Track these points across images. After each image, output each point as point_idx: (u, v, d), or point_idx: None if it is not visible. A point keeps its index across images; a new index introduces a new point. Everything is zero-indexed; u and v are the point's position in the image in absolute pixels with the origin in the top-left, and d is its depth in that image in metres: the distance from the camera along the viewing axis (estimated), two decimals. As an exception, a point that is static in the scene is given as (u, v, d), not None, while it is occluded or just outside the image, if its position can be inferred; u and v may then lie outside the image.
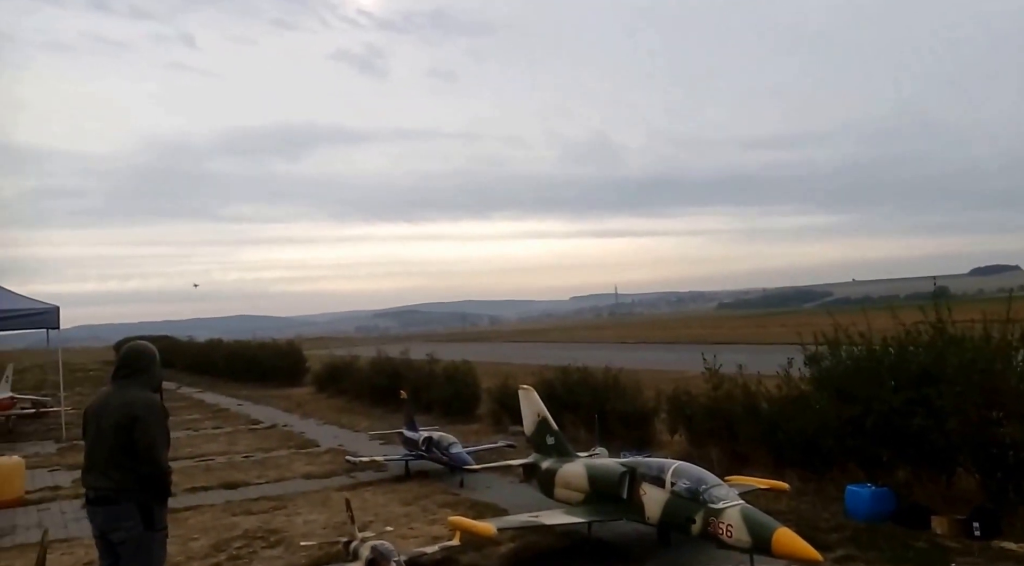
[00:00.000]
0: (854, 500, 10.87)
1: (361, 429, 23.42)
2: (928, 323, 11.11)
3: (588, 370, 19.12)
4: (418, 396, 23.25)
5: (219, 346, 60.01)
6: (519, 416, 13.66)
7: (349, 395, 31.58)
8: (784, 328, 59.65)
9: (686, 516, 9.00)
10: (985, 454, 10.10)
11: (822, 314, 14.42)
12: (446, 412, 24.00)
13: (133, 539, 6.53)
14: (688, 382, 16.53)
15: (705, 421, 14.37)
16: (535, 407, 12.77)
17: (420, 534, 11.46)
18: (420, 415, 20.42)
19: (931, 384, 10.35)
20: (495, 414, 22.15)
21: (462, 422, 22.72)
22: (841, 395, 11.49)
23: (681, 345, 54.54)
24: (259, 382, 42.65)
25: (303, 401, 32.82)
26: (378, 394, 28.33)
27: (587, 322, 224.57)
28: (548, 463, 11.98)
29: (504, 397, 21.08)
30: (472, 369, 25.72)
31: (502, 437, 18.84)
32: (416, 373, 26.89)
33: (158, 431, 6.70)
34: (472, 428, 21.79)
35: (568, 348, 52.65)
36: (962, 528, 9.72)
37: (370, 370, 30.86)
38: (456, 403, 24.19)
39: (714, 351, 15.05)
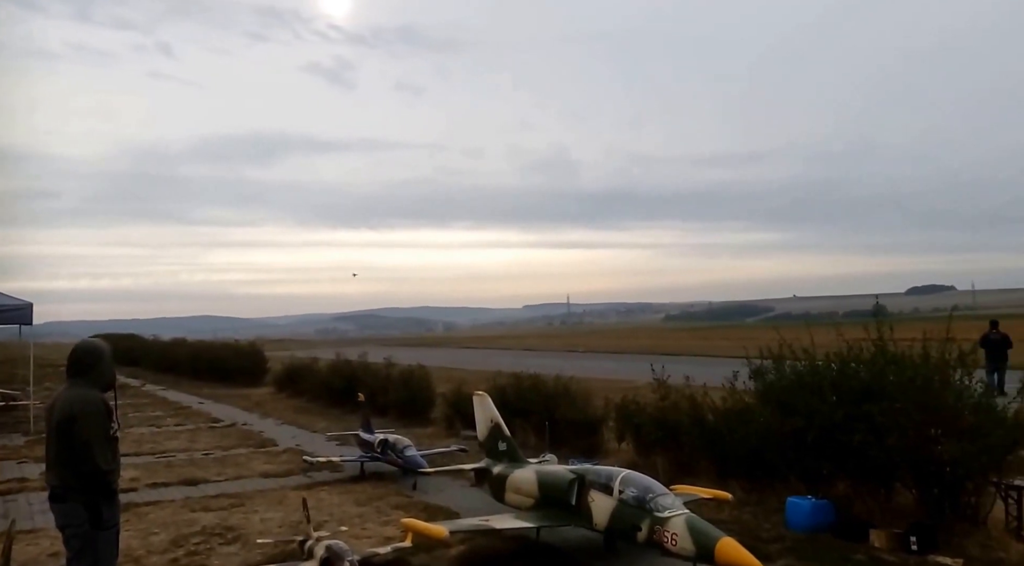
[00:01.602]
0: (795, 512, 10.73)
1: (319, 430, 23.02)
2: (869, 340, 11.09)
3: (540, 377, 18.88)
4: (375, 399, 22.81)
5: (182, 345, 59.08)
6: (472, 421, 13.42)
7: (308, 396, 31.02)
8: (727, 341, 60.39)
9: (632, 524, 8.80)
10: (923, 470, 10.03)
11: (764, 328, 14.43)
12: (402, 415, 23.59)
13: (80, 537, 6.32)
14: (636, 392, 16.42)
15: (652, 430, 14.17)
16: (488, 413, 12.51)
17: (373, 535, 11.22)
18: (376, 417, 20.09)
19: (872, 400, 10.25)
20: (449, 418, 21.83)
21: (417, 425, 22.35)
22: (784, 409, 11.34)
23: (630, 355, 54.78)
24: (221, 381, 41.95)
25: (263, 401, 32.24)
26: (336, 396, 27.83)
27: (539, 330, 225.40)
28: (499, 468, 11.72)
29: (458, 402, 20.80)
30: (427, 374, 25.38)
31: (455, 441, 18.55)
32: (373, 376, 26.43)
33: (95, 430, 6.36)
34: (426, 432, 21.45)
35: (520, 355, 52.54)
36: (899, 542, 9.61)
37: (329, 372, 30.33)
38: (411, 407, 23.79)
39: (662, 362, 14.94)
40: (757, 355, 12.57)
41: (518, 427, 16.06)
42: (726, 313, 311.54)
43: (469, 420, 17.86)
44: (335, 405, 27.47)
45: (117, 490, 6.72)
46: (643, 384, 16.32)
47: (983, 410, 9.81)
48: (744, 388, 12.71)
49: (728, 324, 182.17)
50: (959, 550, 9.36)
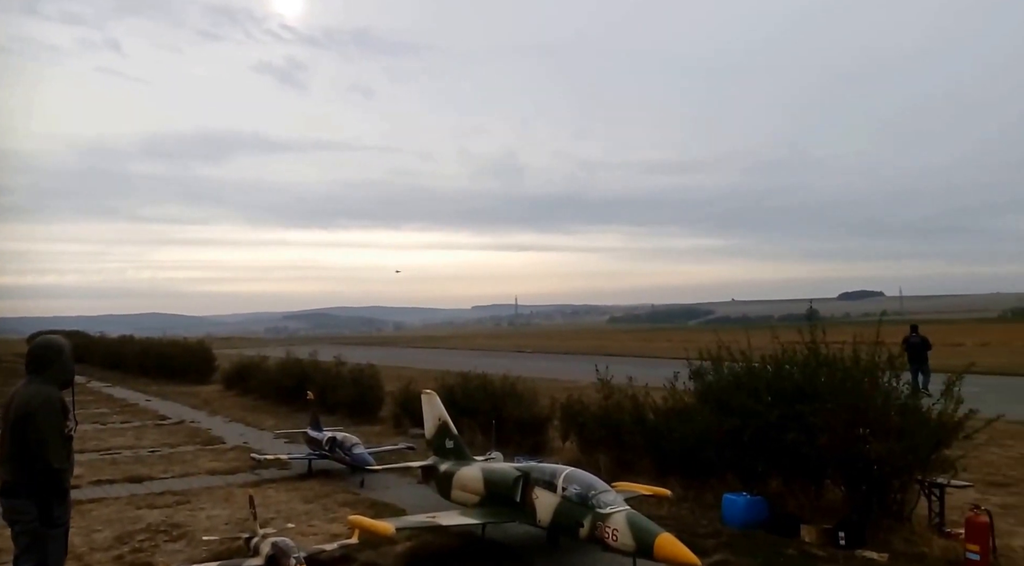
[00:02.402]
0: (730, 508, 10.89)
1: (267, 428, 22.66)
2: (803, 344, 11.34)
3: (487, 377, 18.87)
4: (324, 397, 22.52)
5: (130, 343, 57.99)
6: (420, 419, 13.36)
7: (256, 394, 30.51)
8: (669, 343, 61.41)
9: (575, 520, 8.84)
10: (851, 468, 10.26)
11: (704, 331, 14.70)
12: (350, 413, 23.34)
13: (28, 534, 6.21)
14: (581, 391, 16.55)
15: (596, 429, 14.27)
16: (436, 411, 12.43)
17: (320, 532, 11.08)
18: (325, 416, 19.86)
19: (804, 401, 10.48)
20: (397, 417, 21.69)
21: (365, 423, 22.15)
22: (722, 409, 11.53)
23: (575, 356, 55.21)
24: (168, 379, 41.16)
25: (211, 399, 31.65)
26: (285, 394, 27.41)
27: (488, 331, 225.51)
28: (446, 466, 11.66)
29: (406, 400, 20.71)
30: (377, 373, 25.22)
31: (403, 439, 18.44)
32: (323, 375, 26.09)
33: (49, 429, 6.19)
34: (375, 430, 21.27)
35: (469, 355, 52.57)
36: (829, 537, 9.83)
37: (278, 371, 29.86)
38: (361, 405, 23.56)
39: (606, 363, 15.07)
40: (697, 357, 12.77)
41: (465, 426, 16.01)
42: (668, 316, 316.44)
43: (417, 418, 17.73)
44: (284, 403, 27.09)
45: (69, 489, 6.57)
46: (588, 384, 16.46)
47: (909, 411, 10.09)
48: (684, 388, 12.88)
49: (670, 326, 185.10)
50: (885, 545, 9.61)
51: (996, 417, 10.20)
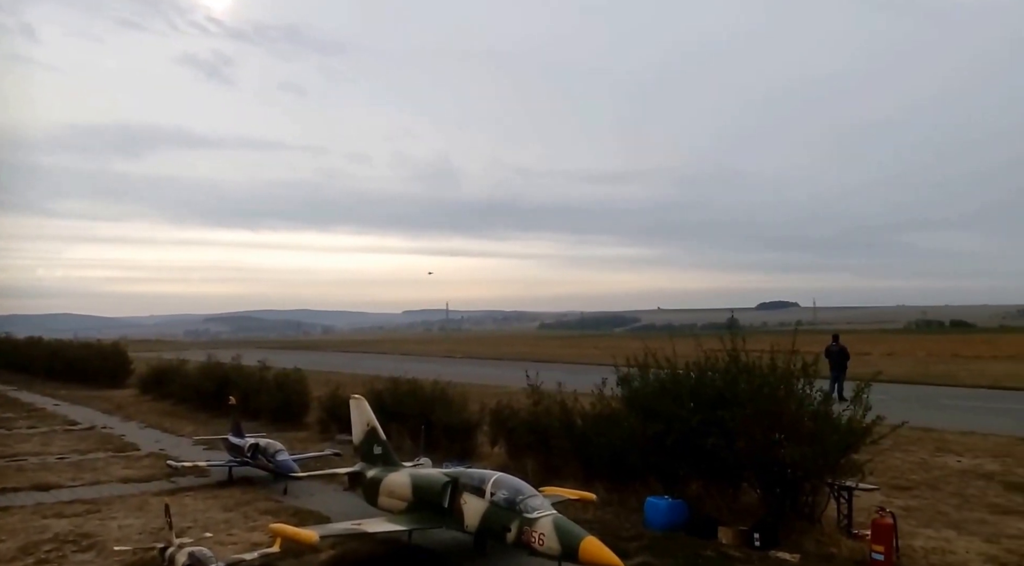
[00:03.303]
0: (652, 511, 11.17)
1: (185, 434, 21.98)
2: (724, 351, 11.73)
3: (417, 382, 18.78)
4: (247, 402, 21.95)
5: (38, 344, 55.05)
6: (347, 425, 13.21)
7: (174, 399, 29.45)
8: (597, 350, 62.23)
9: (502, 525, 8.94)
10: (767, 472, 10.69)
11: (631, 338, 15.00)
12: (275, 419, 22.76)
13: None
14: (511, 397, 16.65)
15: (525, 434, 14.40)
16: (365, 417, 12.32)
17: (240, 541, 10.83)
18: (248, 421, 19.35)
19: (725, 407, 10.86)
20: (323, 422, 21.29)
21: (290, 429, 21.67)
22: (647, 414, 11.82)
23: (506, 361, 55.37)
24: (80, 382, 39.28)
25: (125, 403, 30.48)
26: (205, 399, 26.54)
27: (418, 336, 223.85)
28: (374, 472, 11.56)
29: (333, 406, 20.38)
30: (303, 377, 24.73)
31: (329, 445, 18.15)
32: (247, 379, 25.40)
33: None
34: (300, 436, 20.85)
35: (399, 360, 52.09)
36: (744, 539, 10.20)
37: (199, 375, 28.92)
38: (286, 410, 23.03)
39: (536, 369, 15.21)
40: (625, 363, 13.03)
41: (394, 431, 15.89)
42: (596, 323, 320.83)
43: (345, 424, 17.44)
44: (204, 408, 26.26)
45: None
46: (517, 390, 16.58)
47: (821, 417, 10.57)
48: (612, 394, 13.10)
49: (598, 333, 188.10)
50: (797, 546, 10.03)
51: (901, 424, 10.78)
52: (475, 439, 16.79)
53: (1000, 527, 10.95)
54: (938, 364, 45.94)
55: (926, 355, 54.70)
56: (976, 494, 13.07)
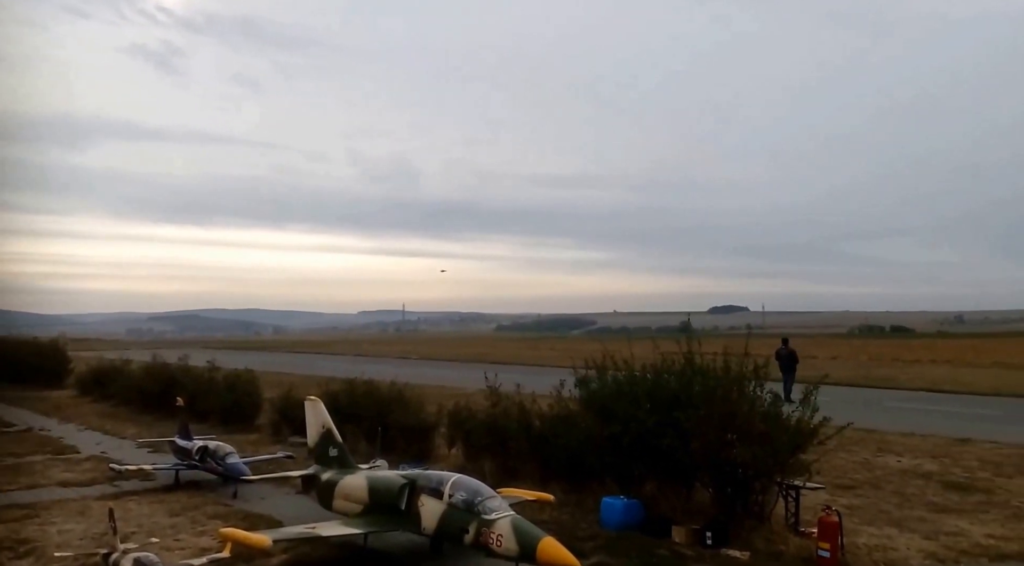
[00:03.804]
0: (608, 511, 11.33)
1: (128, 436, 21.40)
2: (680, 354, 11.97)
3: (374, 384, 18.64)
4: (195, 404, 21.47)
5: (-33, 342, 52.71)
6: (300, 427, 13.04)
7: (116, 400, 28.68)
8: (554, 351, 62.65)
9: (460, 526, 8.96)
10: (719, 472, 10.95)
11: (588, 340, 15.15)
12: (224, 421, 22.32)
13: None
14: (468, 399, 16.65)
15: (482, 436, 14.43)
16: (321, 418, 12.18)
17: (188, 546, 10.60)
18: (196, 424, 18.91)
19: (680, 408, 11.09)
20: (276, 425, 20.95)
21: (240, 432, 21.24)
22: (604, 415, 11.98)
23: (463, 363, 55.28)
24: (14, 383, 37.67)
25: (63, 404, 29.55)
26: (150, 400, 25.88)
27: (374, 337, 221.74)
28: (329, 475, 11.44)
29: (286, 408, 20.08)
30: (254, 378, 24.33)
31: (282, 448, 17.86)
32: (194, 380, 24.84)
33: None
34: (251, 438, 20.46)
35: (354, 361, 51.56)
36: (697, 537, 10.43)
37: (143, 375, 28.17)
38: (236, 412, 22.60)
39: (495, 370, 15.26)
40: (583, 365, 13.16)
41: (349, 433, 15.75)
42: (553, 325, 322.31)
43: (298, 427, 17.20)
44: (148, 410, 25.61)
45: None
46: (474, 391, 16.59)
47: (771, 418, 10.87)
48: (570, 396, 13.22)
49: (555, 335, 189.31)
50: (747, 544, 10.30)
51: (847, 425, 11.16)
52: (432, 441, 16.74)
53: (938, 525, 11.42)
54: (880, 368, 47.53)
55: (868, 359, 56.53)
56: (916, 493, 13.60)
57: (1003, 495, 13.28)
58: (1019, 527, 11.17)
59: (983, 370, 45.70)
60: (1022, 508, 12.35)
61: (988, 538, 10.66)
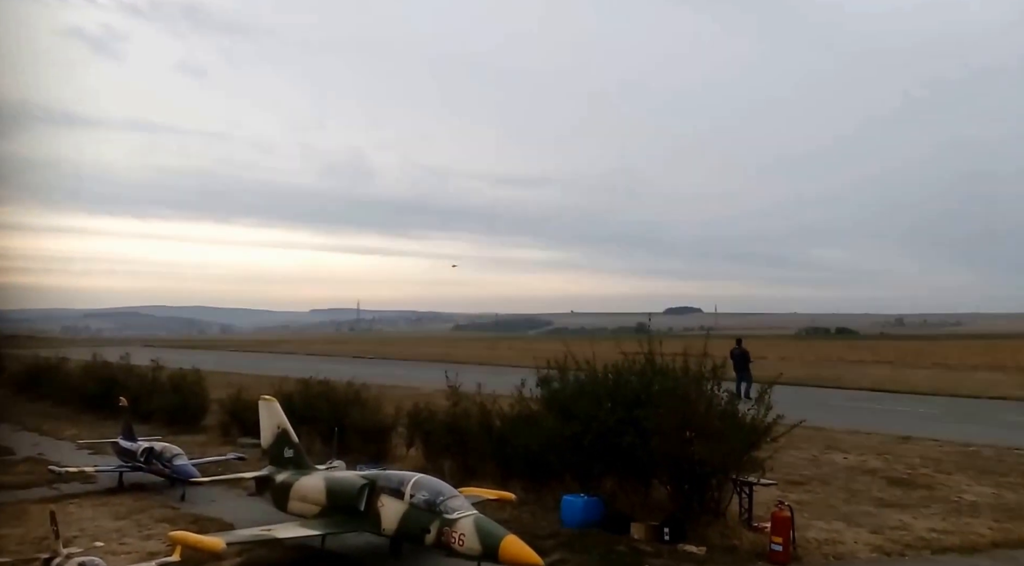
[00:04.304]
0: (569, 509, 11.44)
1: (67, 437, 20.76)
2: (641, 354, 12.14)
3: (330, 384, 18.43)
4: (138, 404, 20.89)
5: None
6: (251, 428, 12.83)
7: (54, 400, 27.81)
8: (512, 351, 62.82)
9: (422, 526, 8.95)
10: (677, 469, 11.15)
11: (546, 340, 15.24)
12: (170, 422, 21.82)
13: None
14: (426, 398, 16.58)
15: (443, 436, 14.40)
16: (276, 419, 11.99)
17: (134, 550, 10.37)
18: (139, 425, 18.44)
19: (640, 407, 11.28)
20: (225, 425, 20.57)
21: (188, 433, 20.80)
22: (565, 414, 12.09)
23: (420, 362, 54.99)
24: (-62, 382, 36.19)
25: (-5, 405, 28.36)
26: (90, 400, 25.21)
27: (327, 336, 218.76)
28: (284, 476, 11.27)
29: (236, 408, 19.74)
30: (201, 378, 23.84)
31: (232, 449, 17.52)
32: (138, 380, 24.28)
33: None
34: (198, 439, 20.06)
35: (306, 361, 50.88)
36: (655, 533, 10.62)
37: (82, 374, 27.39)
38: (182, 413, 22.13)
39: (454, 370, 15.24)
40: (544, 365, 13.25)
41: (305, 434, 15.54)
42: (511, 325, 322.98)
43: (248, 427, 16.90)
44: (88, 410, 24.93)
45: None
46: (432, 391, 16.53)
47: (728, 416, 11.13)
48: (531, 396, 13.29)
49: (513, 335, 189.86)
50: (703, 539, 10.53)
51: (799, 423, 11.49)
52: (390, 441, 16.63)
53: (883, 519, 11.85)
54: (826, 368, 49.00)
55: (815, 359, 58.23)
56: (862, 488, 14.09)
57: (943, 490, 13.84)
58: (959, 521, 11.65)
59: (923, 371, 47.51)
60: (962, 503, 12.88)
61: (930, 532, 11.10)
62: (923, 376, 42.80)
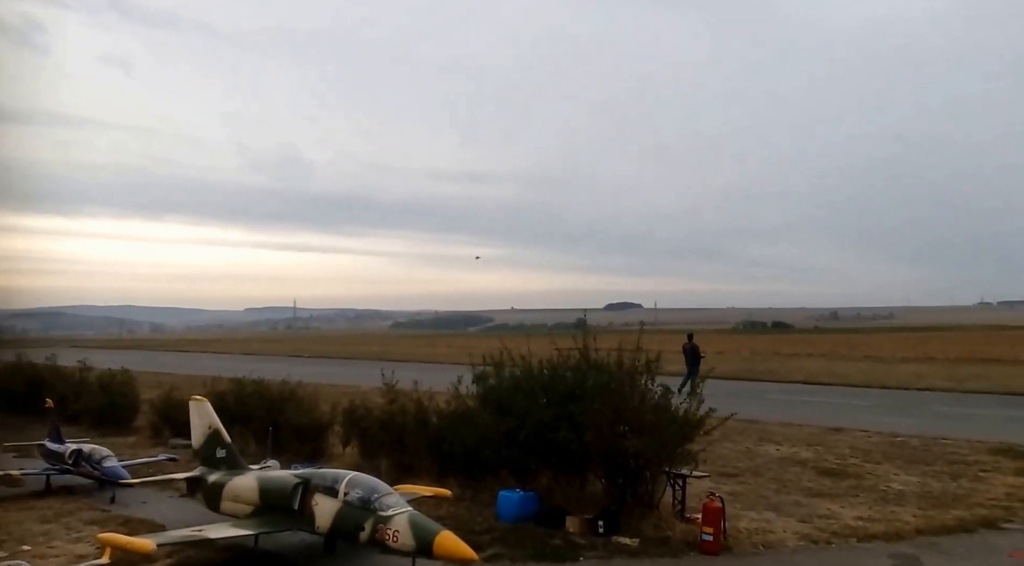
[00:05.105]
0: (505, 504, 11.61)
1: (-12, 440, 19.89)
2: (576, 349, 12.37)
3: (263, 383, 18.20)
4: (66, 406, 20.31)
5: None
6: (182, 429, 12.64)
7: (-27, 403, 26.50)
8: (451, 349, 62.74)
9: (356, 524, 8.99)
10: (611, 462, 11.42)
11: (485, 337, 15.38)
12: (98, 424, 21.33)
13: None
14: (364, 396, 16.54)
15: (379, 434, 14.39)
16: (207, 419, 11.85)
17: (62, 553, 10.16)
18: (67, 426, 17.89)
19: (575, 402, 11.51)
20: (156, 426, 20.21)
21: (117, 435, 20.31)
22: (502, 410, 12.26)
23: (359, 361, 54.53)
24: None
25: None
26: (13, 402, 24.23)
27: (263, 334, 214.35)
28: (216, 476, 11.16)
29: (167, 409, 19.42)
30: (131, 379, 23.30)
31: (163, 450, 17.21)
32: (65, 381, 23.60)
33: None
34: (128, 441, 19.64)
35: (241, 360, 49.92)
36: (590, 526, 10.85)
37: (5, 375, 26.32)
38: (111, 414, 21.63)
39: (392, 368, 15.24)
40: (481, 362, 13.39)
41: (238, 434, 15.32)
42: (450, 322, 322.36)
43: (179, 428, 16.56)
44: (11, 413, 23.81)
45: None
46: (370, 389, 16.49)
47: (661, 410, 11.43)
48: (467, 392, 13.40)
49: (452, 333, 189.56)
50: (637, 531, 10.80)
51: (730, 415, 11.89)
52: (326, 440, 16.53)
53: (812, 508, 12.34)
54: (762, 362, 50.49)
55: (751, 354, 59.89)
56: (792, 479, 14.63)
57: (871, 480, 14.47)
58: (885, 510, 12.19)
59: (855, 363, 49.41)
60: (888, 492, 13.48)
61: (857, 520, 11.59)
62: (855, 368, 44.53)
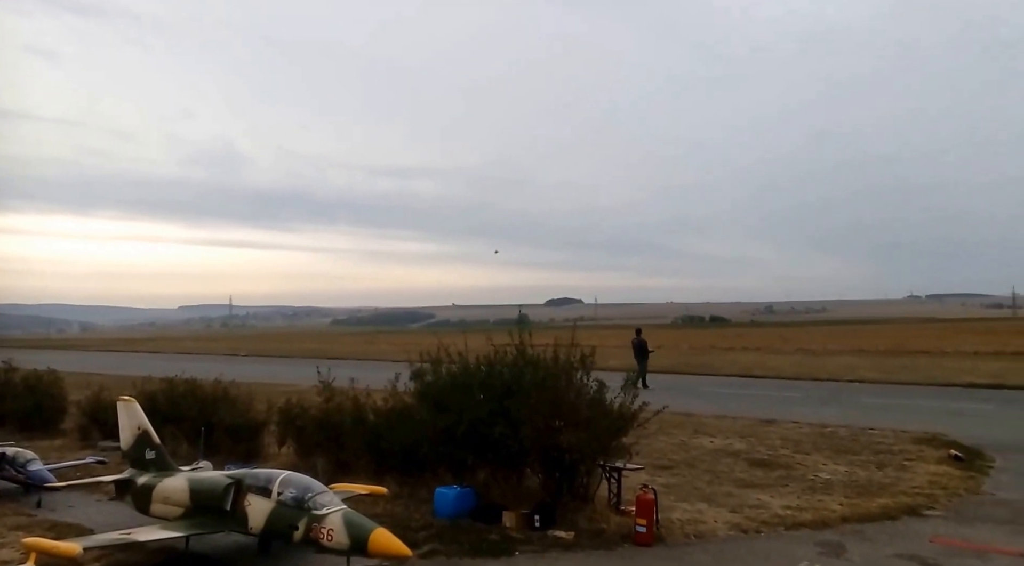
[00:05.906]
0: (441, 501, 11.64)
1: (-98, 445, 18.96)
2: (513, 345, 12.51)
3: (196, 382, 17.81)
4: (-13, 408, 19.47)
5: None
6: (112, 431, 12.32)
7: None
8: (392, 346, 62.40)
9: (289, 523, 8.92)
10: (547, 457, 11.58)
11: (426, 334, 15.41)
12: (24, 426, 20.52)
13: None
14: (301, 395, 16.35)
15: (315, 432, 14.26)
16: (136, 420, 11.59)
17: (-15, 561, 9.79)
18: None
19: (511, 397, 11.64)
20: (84, 429, 19.59)
21: (44, 437, 19.64)
22: (439, 407, 12.29)
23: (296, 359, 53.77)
24: None
25: None
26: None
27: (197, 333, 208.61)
28: (145, 478, 10.93)
29: (96, 410, 18.85)
30: (59, 379, 22.50)
31: (91, 453, 16.67)
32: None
33: None
34: (55, 444, 19.00)
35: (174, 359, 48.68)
36: (526, 521, 10.98)
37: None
38: (37, 416, 20.84)
39: (329, 365, 15.12)
40: (418, 358, 13.40)
41: (169, 435, 14.99)
42: (391, 318, 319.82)
43: (107, 430, 16.10)
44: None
45: None
46: (308, 387, 16.30)
47: (596, 404, 11.65)
48: (405, 389, 13.39)
49: (393, 329, 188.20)
50: (572, 524, 11.00)
51: (662, 408, 12.19)
52: (261, 440, 16.29)
53: (743, 499, 12.72)
54: (699, 355, 51.81)
55: (689, 348, 61.39)
56: (725, 470, 15.06)
57: (801, 470, 14.98)
58: (813, 499, 12.63)
59: (788, 356, 51.11)
60: (816, 481, 13.97)
61: (786, 509, 11.98)
62: (787, 361, 46.08)
